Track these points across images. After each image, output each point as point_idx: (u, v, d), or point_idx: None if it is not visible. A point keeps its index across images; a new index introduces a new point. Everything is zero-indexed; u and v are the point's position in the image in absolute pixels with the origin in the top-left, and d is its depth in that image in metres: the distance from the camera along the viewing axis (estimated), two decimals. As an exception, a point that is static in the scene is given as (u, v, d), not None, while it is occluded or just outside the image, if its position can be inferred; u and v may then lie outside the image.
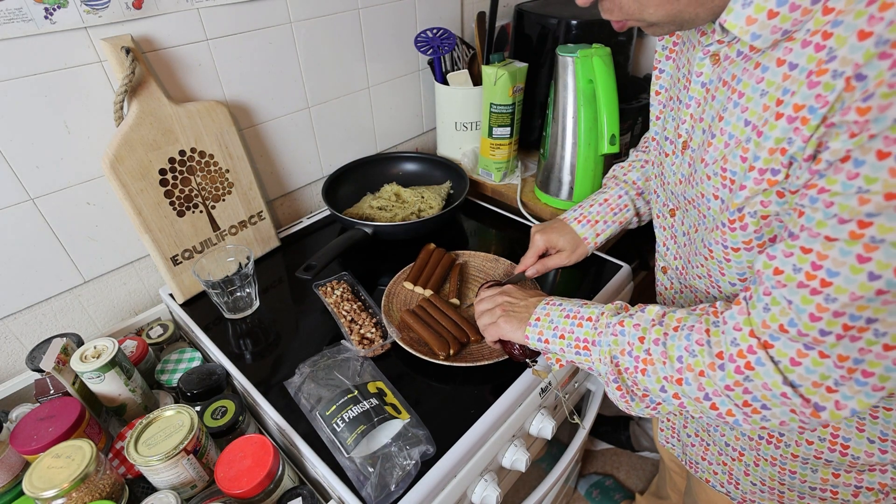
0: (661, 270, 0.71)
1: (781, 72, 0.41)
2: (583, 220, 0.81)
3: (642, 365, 0.51)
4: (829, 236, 0.38)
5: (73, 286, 0.81)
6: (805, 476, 0.62)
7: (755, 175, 0.45)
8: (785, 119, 0.41)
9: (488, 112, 1.04)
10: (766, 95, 0.43)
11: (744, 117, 0.45)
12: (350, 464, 0.58)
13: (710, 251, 0.54)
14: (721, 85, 0.49)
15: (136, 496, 0.59)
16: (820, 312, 0.39)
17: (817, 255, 0.38)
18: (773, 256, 0.42)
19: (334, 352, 0.72)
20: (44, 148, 0.71)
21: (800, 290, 0.40)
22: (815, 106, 0.38)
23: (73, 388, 0.63)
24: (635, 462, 1.50)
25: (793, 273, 0.40)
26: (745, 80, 0.45)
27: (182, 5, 0.77)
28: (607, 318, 0.56)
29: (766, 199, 0.45)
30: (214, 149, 0.84)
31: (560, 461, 0.83)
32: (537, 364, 0.68)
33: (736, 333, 0.45)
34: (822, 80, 0.38)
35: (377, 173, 1.11)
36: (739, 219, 0.48)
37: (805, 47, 0.39)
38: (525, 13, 1.15)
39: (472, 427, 0.63)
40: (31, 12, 0.64)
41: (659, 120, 0.64)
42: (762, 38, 0.41)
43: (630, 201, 0.80)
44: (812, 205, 0.39)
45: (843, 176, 0.36)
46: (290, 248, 0.99)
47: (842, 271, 0.37)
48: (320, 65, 0.98)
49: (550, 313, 0.61)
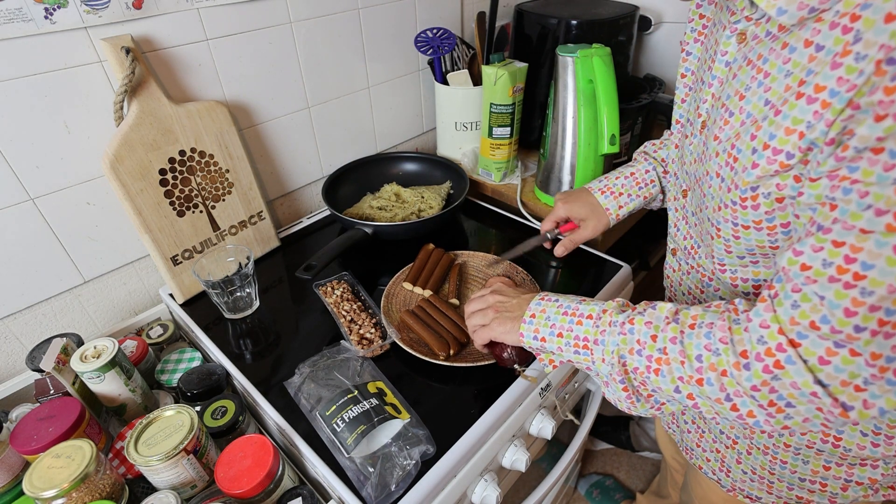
0: (671, 252, 0.71)
1: (808, 53, 0.40)
2: (606, 192, 0.80)
3: (655, 364, 0.49)
4: (864, 228, 0.36)
5: (73, 286, 0.81)
6: (796, 467, 0.62)
7: (769, 154, 0.43)
8: (805, 99, 0.40)
9: (488, 112, 1.04)
10: (790, 76, 0.42)
11: (765, 97, 0.45)
12: (350, 464, 0.58)
13: (718, 229, 0.53)
14: (745, 64, 0.48)
15: (136, 496, 0.59)
16: (856, 307, 0.37)
17: (851, 247, 0.37)
18: (801, 252, 0.40)
19: (334, 352, 0.72)
20: (44, 148, 0.71)
21: (832, 285, 0.38)
22: (837, 89, 0.38)
23: (73, 388, 0.63)
24: (635, 462, 1.50)
25: (822, 268, 0.39)
26: (771, 59, 0.44)
27: (182, 5, 0.77)
28: (612, 315, 0.53)
29: (781, 182, 0.44)
30: (214, 149, 0.84)
31: (560, 461, 0.83)
32: (526, 370, 0.67)
33: (763, 331, 0.43)
34: (844, 63, 0.37)
35: (377, 173, 1.11)
36: (752, 198, 0.47)
37: (833, 29, 0.38)
38: (525, 13, 1.15)
39: (472, 427, 0.63)
40: (31, 12, 0.64)
41: (685, 103, 0.63)
42: (788, 13, 0.40)
43: (657, 177, 0.79)
44: (845, 196, 0.37)
45: (880, 167, 0.35)
46: (290, 248, 0.99)
47: (877, 263, 0.36)
48: (320, 65, 0.98)
49: (546, 309, 0.59)
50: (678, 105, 0.65)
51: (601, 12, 1.10)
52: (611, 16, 1.08)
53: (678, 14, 1.30)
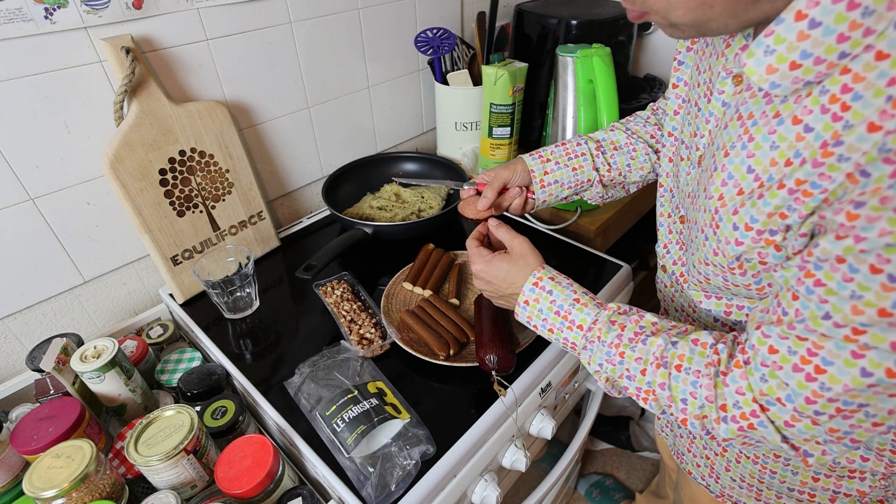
0: (661, 269, 0.70)
1: (796, 130, 0.40)
2: (535, 155, 0.75)
3: (644, 395, 0.52)
4: (824, 334, 0.39)
5: (73, 286, 0.81)
6: (785, 477, 0.62)
7: (753, 235, 0.45)
8: (786, 190, 0.41)
9: (488, 112, 1.05)
10: (776, 150, 0.42)
11: (748, 163, 0.44)
12: (350, 464, 0.59)
13: (707, 279, 0.54)
14: (736, 117, 0.47)
15: (136, 496, 0.59)
16: (815, 397, 0.40)
17: (813, 343, 0.40)
18: (768, 336, 0.43)
19: (334, 352, 0.72)
20: (44, 148, 0.71)
21: (795, 374, 0.41)
22: (818, 183, 0.38)
23: (73, 388, 0.63)
24: (635, 462, 1.50)
25: (788, 355, 0.41)
26: (760, 124, 0.44)
27: (182, 5, 0.77)
28: (600, 331, 0.54)
29: (763, 252, 0.45)
30: (214, 149, 0.84)
31: (560, 461, 0.83)
32: (501, 383, 0.66)
33: (739, 397, 0.46)
34: (827, 161, 0.37)
35: (377, 173, 1.11)
36: (739, 266, 0.49)
37: (824, 114, 0.38)
38: (525, 13, 1.15)
39: (472, 427, 0.64)
40: (31, 12, 0.64)
41: (678, 115, 0.62)
42: (782, 87, 0.40)
43: (588, 151, 0.75)
44: (808, 295, 0.39)
45: (839, 276, 0.37)
46: (290, 248, 0.99)
47: (836, 363, 0.38)
48: (320, 65, 0.98)
49: (540, 300, 0.58)
50: (670, 117, 0.64)
51: (601, 12, 1.10)
52: (611, 16, 1.08)
53: (678, 14, 1.29)
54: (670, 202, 0.65)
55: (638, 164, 0.75)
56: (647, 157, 0.75)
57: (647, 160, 0.75)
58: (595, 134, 0.77)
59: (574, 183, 0.74)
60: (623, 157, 0.75)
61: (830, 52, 0.36)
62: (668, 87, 0.64)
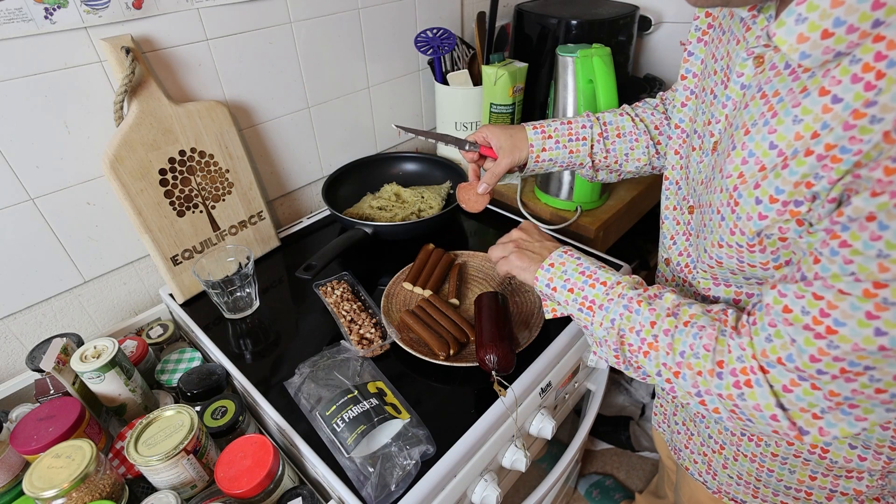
0: (664, 262, 0.70)
1: (823, 102, 0.39)
2: (538, 128, 0.76)
3: (646, 347, 0.52)
4: (842, 290, 0.38)
5: (73, 286, 0.81)
6: (782, 476, 0.62)
7: (778, 206, 0.43)
8: (815, 157, 0.40)
9: (488, 112, 1.05)
10: (799, 123, 0.40)
11: (770, 139, 0.43)
12: (350, 464, 0.59)
13: (720, 262, 0.54)
14: (759, 95, 0.46)
15: (136, 496, 0.59)
16: (820, 355, 0.40)
17: (828, 303, 0.39)
18: (785, 294, 0.43)
19: (334, 352, 0.72)
20: (44, 148, 0.71)
21: (805, 332, 0.41)
22: (848, 148, 0.37)
23: (73, 388, 0.63)
24: (635, 462, 1.50)
25: (801, 315, 0.41)
26: (787, 100, 0.42)
27: (182, 5, 0.77)
28: (623, 289, 0.56)
29: (785, 227, 0.44)
30: (214, 149, 0.84)
31: (560, 461, 0.83)
32: (501, 383, 0.66)
33: (740, 352, 0.46)
34: (858, 124, 0.36)
35: (377, 173, 1.11)
36: (759, 242, 0.48)
37: (855, 83, 0.36)
38: (525, 13, 1.15)
39: (472, 427, 0.64)
40: (31, 12, 0.64)
41: (686, 107, 0.62)
42: (812, 57, 0.39)
43: (590, 136, 0.75)
44: (831, 256, 0.38)
45: (867, 235, 0.36)
46: (290, 248, 0.99)
47: (849, 323, 0.38)
48: (320, 65, 0.98)
49: (566, 263, 0.61)
50: (678, 108, 0.63)
51: (601, 12, 1.10)
52: (611, 16, 1.09)
53: (678, 14, 1.30)
54: (676, 194, 0.66)
55: (635, 156, 0.76)
56: (646, 149, 0.76)
57: (645, 153, 0.76)
58: (604, 115, 0.78)
59: (567, 163, 0.78)
60: (623, 146, 0.76)
61: (864, 19, 0.35)
62: (677, 78, 0.63)
